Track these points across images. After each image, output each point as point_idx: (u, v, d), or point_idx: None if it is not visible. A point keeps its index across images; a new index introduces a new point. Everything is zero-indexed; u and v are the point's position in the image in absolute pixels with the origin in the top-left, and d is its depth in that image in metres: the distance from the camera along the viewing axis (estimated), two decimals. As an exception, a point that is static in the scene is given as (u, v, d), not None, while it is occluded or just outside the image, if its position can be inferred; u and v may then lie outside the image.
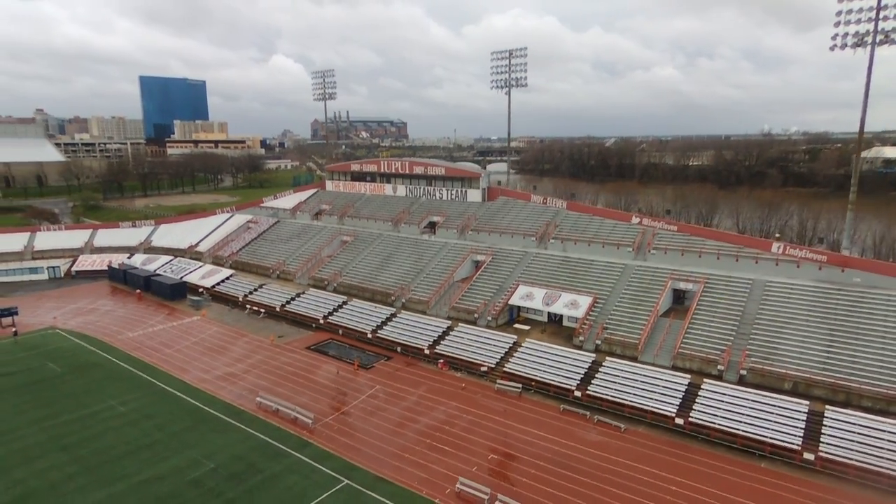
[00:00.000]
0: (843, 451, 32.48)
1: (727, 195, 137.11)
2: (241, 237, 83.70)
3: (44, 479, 32.01)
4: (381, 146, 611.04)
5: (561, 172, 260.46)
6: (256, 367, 48.57)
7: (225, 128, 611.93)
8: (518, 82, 74.69)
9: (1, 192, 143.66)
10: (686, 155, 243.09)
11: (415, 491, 31.27)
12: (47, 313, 63.19)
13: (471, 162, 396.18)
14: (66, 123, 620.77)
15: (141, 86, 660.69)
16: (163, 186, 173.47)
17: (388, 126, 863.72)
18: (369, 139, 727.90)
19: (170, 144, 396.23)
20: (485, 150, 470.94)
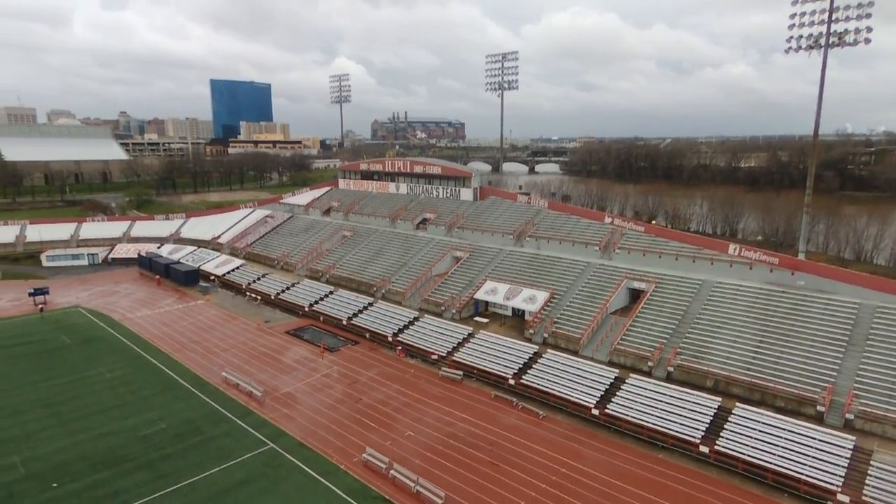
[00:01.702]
0: (737, 446, 33.34)
1: (760, 199, 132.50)
2: (257, 230, 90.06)
3: (22, 429, 37.82)
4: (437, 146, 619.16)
5: (607, 174, 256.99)
6: (235, 347, 53.56)
7: (286, 129, 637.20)
8: (510, 85, 76.78)
9: (69, 187, 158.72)
10: (737, 156, 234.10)
11: (327, 457, 34.80)
12: (76, 294, 71.20)
13: (520, 162, 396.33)
14: (146, 124, 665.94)
15: (211, 89, 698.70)
16: (212, 184, 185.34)
17: (446, 126, 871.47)
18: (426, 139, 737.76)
19: (233, 144, 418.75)
20: (539, 150, 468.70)
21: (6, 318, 61.51)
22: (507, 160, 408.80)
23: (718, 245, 51.04)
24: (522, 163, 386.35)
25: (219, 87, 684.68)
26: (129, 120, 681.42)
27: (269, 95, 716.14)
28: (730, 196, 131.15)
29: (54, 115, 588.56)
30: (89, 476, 32.44)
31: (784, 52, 46.27)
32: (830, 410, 34.79)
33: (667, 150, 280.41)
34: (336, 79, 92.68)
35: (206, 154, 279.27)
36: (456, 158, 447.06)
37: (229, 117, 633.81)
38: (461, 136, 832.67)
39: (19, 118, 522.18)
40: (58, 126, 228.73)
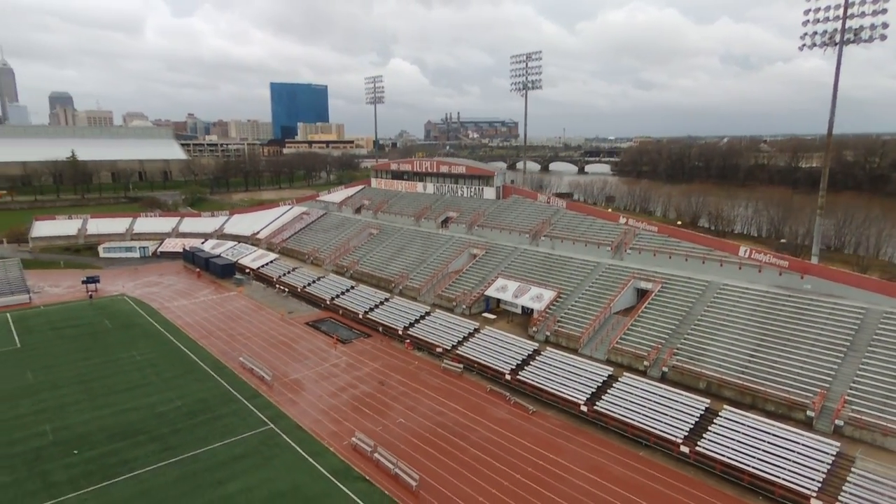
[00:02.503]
0: (717, 448, 33.20)
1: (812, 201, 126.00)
2: (293, 227, 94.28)
3: (58, 401, 42.10)
4: (488, 146, 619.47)
5: (658, 174, 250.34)
6: (257, 335, 56.93)
7: (341, 129, 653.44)
8: (534, 84, 77.21)
9: (132, 185, 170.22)
10: (797, 156, 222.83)
11: (319, 439, 37.03)
12: (124, 283, 77.07)
13: (569, 162, 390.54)
14: (211, 126, 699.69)
15: (271, 91, 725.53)
16: (263, 183, 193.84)
17: (499, 126, 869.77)
18: (478, 139, 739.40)
19: (289, 144, 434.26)
20: (593, 150, 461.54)
21: (61, 303, 67.62)
22: (558, 160, 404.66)
23: (729, 247, 50.06)
24: (572, 162, 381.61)
25: (278, 90, 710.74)
26: (196, 122, 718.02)
27: (325, 97, 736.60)
28: (778, 197, 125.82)
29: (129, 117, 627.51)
30: (106, 446, 35.95)
31: (798, 49, 44.88)
32: (820, 416, 34.05)
33: (723, 150, 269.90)
34: (371, 80, 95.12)
35: (261, 154, 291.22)
36: (506, 158, 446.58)
37: (288, 118, 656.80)
38: (514, 136, 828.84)
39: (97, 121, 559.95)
40: (125, 128, 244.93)
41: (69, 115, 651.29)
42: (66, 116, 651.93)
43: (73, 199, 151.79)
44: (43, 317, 62.36)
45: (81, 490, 31.36)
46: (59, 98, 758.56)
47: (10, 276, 70.58)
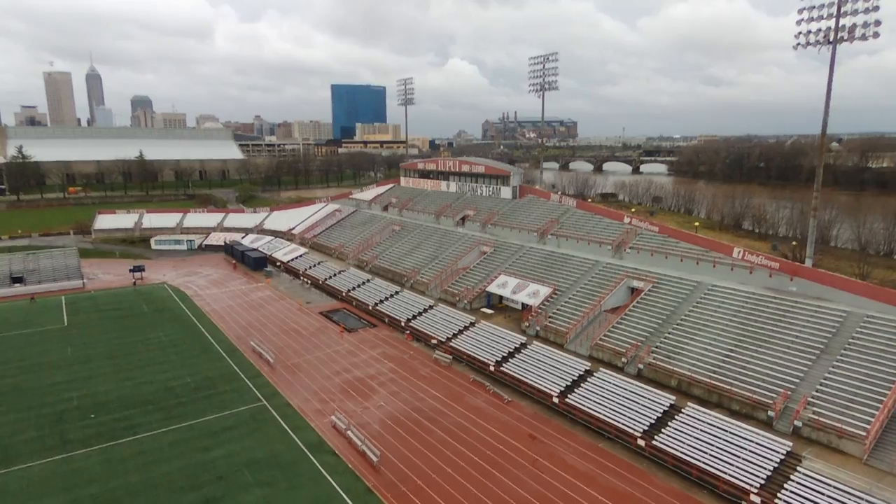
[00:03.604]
0: (672, 442, 33.89)
1: (865, 203, 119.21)
2: (325, 223, 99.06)
3: (88, 373, 47.52)
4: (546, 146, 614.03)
5: (715, 174, 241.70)
6: (272, 322, 61.24)
7: (398, 129, 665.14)
8: (550, 85, 78.04)
9: (192, 183, 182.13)
10: (866, 155, 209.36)
11: (304, 416, 40.27)
12: (167, 272, 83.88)
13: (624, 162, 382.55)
14: (277, 127, 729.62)
15: (332, 93, 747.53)
16: (312, 181, 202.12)
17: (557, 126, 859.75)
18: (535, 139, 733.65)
19: (346, 144, 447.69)
20: (653, 149, 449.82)
21: (109, 289, 74.78)
22: (612, 160, 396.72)
23: (724, 248, 49.62)
24: (627, 162, 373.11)
25: (338, 91, 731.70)
26: (262, 123, 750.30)
27: (384, 98, 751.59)
28: (829, 200, 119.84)
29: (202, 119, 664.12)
30: (119, 412, 40.61)
31: (793, 48, 43.91)
32: (781, 417, 34.03)
33: (786, 150, 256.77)
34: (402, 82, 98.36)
35: (316, 154, 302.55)
36: (559, 158, 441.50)
37: (347, 119, 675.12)
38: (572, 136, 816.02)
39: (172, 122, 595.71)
40: (188, 130, 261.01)
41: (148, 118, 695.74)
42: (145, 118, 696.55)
43: (138, 195, 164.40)
44: (91, 300, 69.39)
45: (90, 448, 35.90)
46: (140, 101, 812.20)
47: (68, 263, 78.58)
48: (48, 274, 75.20)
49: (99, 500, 30.54)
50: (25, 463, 34.23)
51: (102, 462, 34.23)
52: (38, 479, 32.61)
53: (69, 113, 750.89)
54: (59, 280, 74.39)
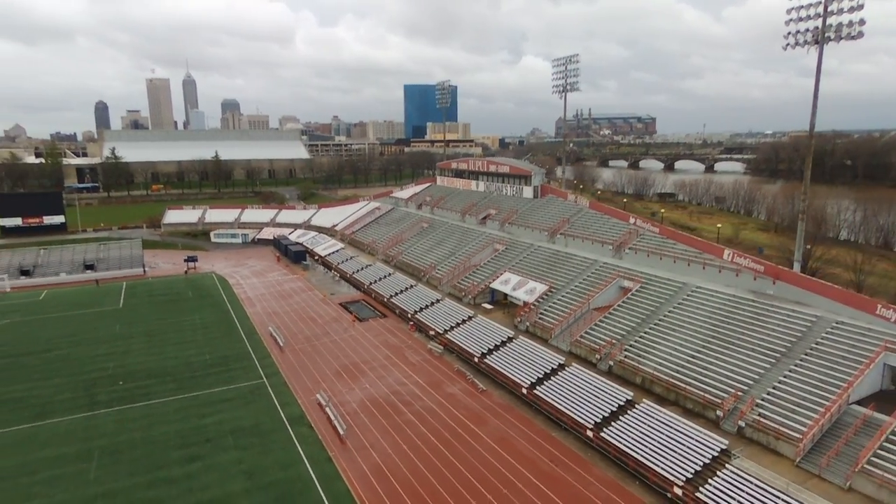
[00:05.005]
0: (617, 434, 35.15)
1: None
2: (363, 220, 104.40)
3: (126, 347, 54.55)
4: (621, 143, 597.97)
5: (794, 173, 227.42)
6: (294, 311, 66.64)
7: (467, 128, 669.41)
8: (572, 87, 78.55)
9: (259, 182, 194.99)
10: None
11: (294, 393, 44.69)
12: (217, 263, 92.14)
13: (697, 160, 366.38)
14: (353, 127, 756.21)
15: (405, 92, 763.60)
16: (371, 180, 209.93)
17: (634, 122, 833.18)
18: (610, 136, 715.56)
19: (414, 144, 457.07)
20: (735, 146, 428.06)
21: (164, 276, 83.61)
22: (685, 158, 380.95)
23: (716, 250, 49.11)
24: (700, 161, 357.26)
25: (411, 91, 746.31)
26: (340, 123, 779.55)
27: (455, 97, 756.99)
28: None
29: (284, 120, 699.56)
30: (141, 381, 46.83)
31: (782, 48, 42.71)
32: (728, 416, 34.40)
33: (877, 146, 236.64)
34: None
35: (382, 153, 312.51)
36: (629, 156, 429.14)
37: (419, 118, 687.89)
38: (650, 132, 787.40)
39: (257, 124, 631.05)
40: (260, 131, 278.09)
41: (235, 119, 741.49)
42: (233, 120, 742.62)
43: (211, 192, 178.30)
44: (146, 286, 78.10)
45: (111, 408, 42.07)
46: (229, 104, 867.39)
47: (132, 253, 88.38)
48: (115, 262, 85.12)
49: (104, 451, 36.21)
50: (57, 418, 40.80)
51: (116, 420, 40.17)
52: (63, 431, 38.94)
53: (167, 116, 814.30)
54: (123, 268, 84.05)
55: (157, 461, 34.96)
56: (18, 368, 50.01)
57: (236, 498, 31.40)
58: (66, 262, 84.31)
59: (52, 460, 35.26)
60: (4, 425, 39.93)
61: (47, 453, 36.07)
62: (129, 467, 34.33)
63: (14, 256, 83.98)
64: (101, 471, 34.04)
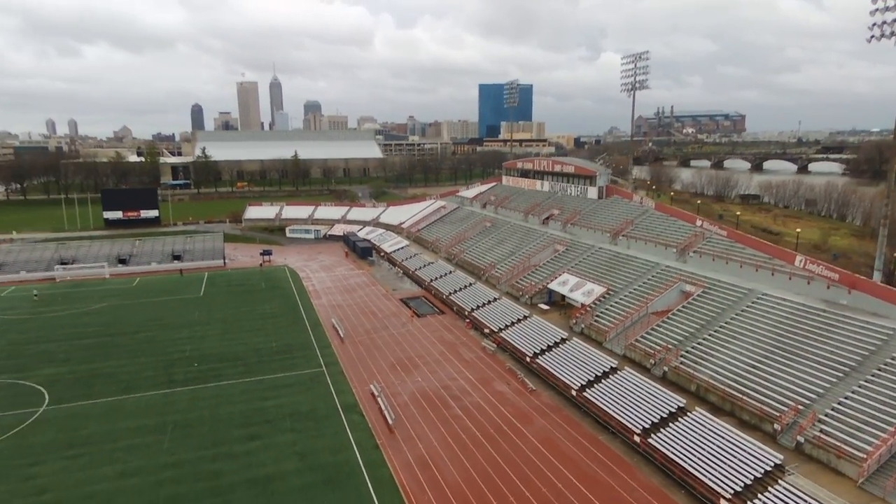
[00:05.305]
0: (666, 441, 34.30)
1: None
2: (429, 218, 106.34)
3: (203, 333, 58.92)
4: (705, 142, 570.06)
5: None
6: (357, 304, 69.26)
7: (541, 128, 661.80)
8: (641, 84, 76.12)
9: (334, 180, 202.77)
10: None
11: (349, 383, 46.76)
12: (290, 257, 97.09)
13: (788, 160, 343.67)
14: (427, 127, 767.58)
15: (479, 92, 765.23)
16: (441, 179, 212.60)
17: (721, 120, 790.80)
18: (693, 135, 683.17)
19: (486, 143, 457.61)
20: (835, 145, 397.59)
21: (241, 268, 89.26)
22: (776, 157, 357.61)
23: (787, 256, 46.38)
24: (792, 161, 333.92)
25: (486, 91, 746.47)
26: (415, 123, 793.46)
27: (530, 95, 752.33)
28: None
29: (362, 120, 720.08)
30: (213, 364, 50.58)
31: (866, 41, 39.30)
32: (785, 431, 32.70)
33: None
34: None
35: (453, 153, 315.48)
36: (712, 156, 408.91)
37: (493, 118, 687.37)
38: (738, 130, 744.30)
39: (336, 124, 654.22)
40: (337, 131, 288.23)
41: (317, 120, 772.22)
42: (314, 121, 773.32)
43: (290, 190, 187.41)
44: (225, 277, 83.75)
45: (185, 387, 45.83)
46: (311, 106, 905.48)
47: (214, 246, 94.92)
48: (199, 254, 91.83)
49: (177, 425, 39.63)
50: (140, 393, 44.98)
51: (189, 398, 43.75)
52: (144, 404, 42.93)
53: (255, 117, 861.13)
54: (206, 259, 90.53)
55: (221, 437, 37.86)
56: (112, 347, 55.39)
57: (288, 476, 33.50)
58: (157, 252, 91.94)
59: (133, 430, 39.04)
60: (97, 396, 44.53)
61: (129, 424, 39.95)
62: (196, 441, 37.44)
63: (114, 246, 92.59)
64: (173, 443, 37.32)
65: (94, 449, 36.58)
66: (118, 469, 34.21)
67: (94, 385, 46.34)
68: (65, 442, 37.44)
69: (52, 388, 45.50)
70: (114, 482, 32.88)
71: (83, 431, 38.82)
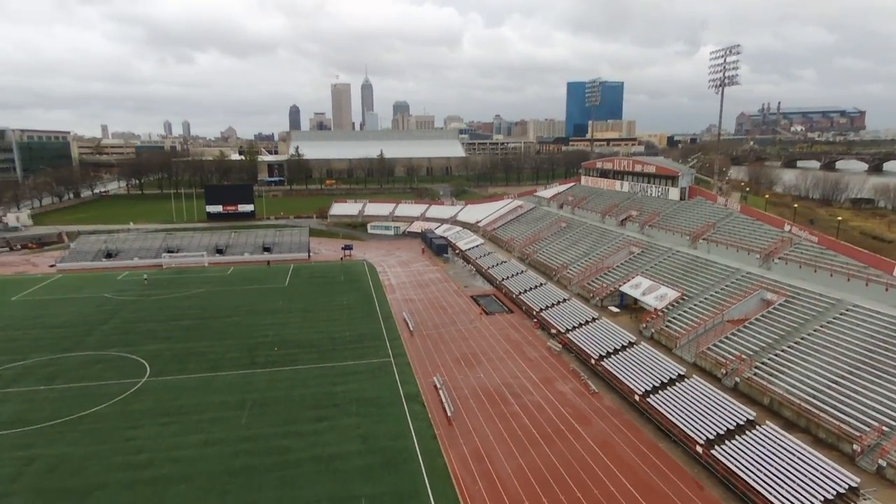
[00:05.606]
0: (731, 454, 32.85)
1: None
2: (505, 217, 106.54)
3: (286, 321, 62.98)
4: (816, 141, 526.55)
5: None
6: (428, 299, 71.13)
7: (631, 126, 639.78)
8: (731, 80, 71.79)
9: (417, 178, 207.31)
10: None
11: (414, 374, 48.46)
12: (369, 252, 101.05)
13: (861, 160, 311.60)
14: (514, 126, 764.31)
15: (567, 90, 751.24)
16: (523, 178, 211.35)
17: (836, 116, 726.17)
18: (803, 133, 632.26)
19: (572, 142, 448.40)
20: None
21: (324, 261, 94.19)
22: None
23: (885, 265, 42.47)
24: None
25: (574, 89, 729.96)
26: (501, 122, 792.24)
27: (620, 93, 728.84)
28: None
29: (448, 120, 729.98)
30: (292, 349, 54.14)
31: None
32: (866, 452, 30.31)
33: None
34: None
35: (538, 152, 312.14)
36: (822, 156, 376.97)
37: (581, 117, 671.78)
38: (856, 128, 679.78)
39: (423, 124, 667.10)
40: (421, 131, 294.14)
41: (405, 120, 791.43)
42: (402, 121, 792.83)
43: (374, 187, 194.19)
44: (308, 269, 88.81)
45: (265, 368, 49.56)
46: (400, 106, 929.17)
47: (301, 239, 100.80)
48: (286, 247, 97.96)
49: (255, 403, 43.03)
50: (225, 371, 49.19)
51: (267, 379, 47.29)
52: (229, 382, 46.92)
53: (347, 118, 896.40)
54: (292, 252, 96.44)
55: (292, 417, 40.73)
56: (206, 329, 60.76)
57: (350, 457, 35.53)
58: (250, 244, 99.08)
59: (217, 405, 42.88)
60: (190, 372, 49.21)
61: (215, 398, 43.91)
62: (271, 419, 40.52)
63: (213, 237, 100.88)
64: (251, 418, 40.63)
65: (183, 418, 40.64)
66: (202, 438, 37.86)
67: (188, 362, 51.19)
68: (160, 410, 41.87)
69: (153, 363, 50.82)
70: (197, 449, 36.46)
71: (176, 402, 43.20)
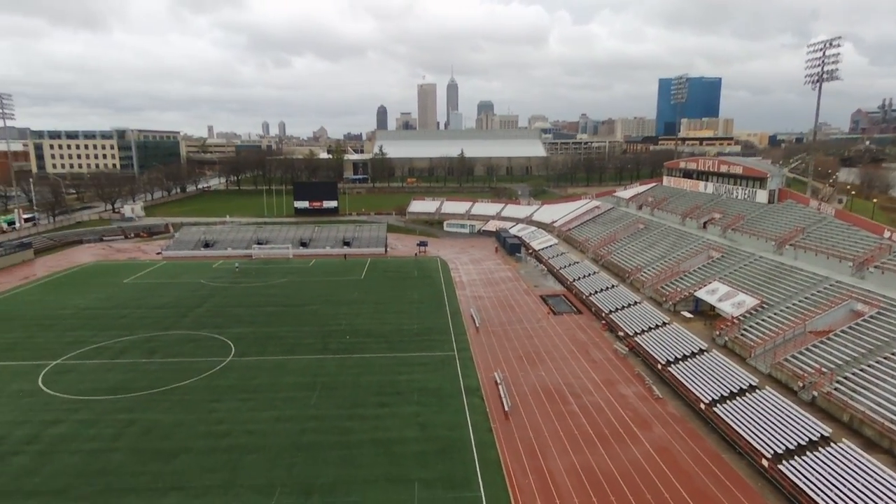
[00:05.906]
0: (800, 470, 31.13)
1: None
2: (581, 218, 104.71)
3: (357, 311, 65.94)
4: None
5: None
6: (496, 297, 71.71)
7: (729, 125, 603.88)
8: (831, 76, 66.08)
9: (496, 177, 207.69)
10: None
11: (476, 368, 49.41)
12: (443, 249, 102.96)
13: None
14: (600, 125, 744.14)
15: (659, 87, 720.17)
16: (606, 178, 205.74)
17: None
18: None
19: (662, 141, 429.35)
20: None
21: (399, 257, 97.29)
22: None
23: None
24: None
25: (665, 85, 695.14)
26: (587, 121, 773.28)
27: (717, 90, 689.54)
28: None
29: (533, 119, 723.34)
30: (362, 339, 56.73)
31: None
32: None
33: None
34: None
35: (624, 151, 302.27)
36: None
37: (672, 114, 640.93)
38: None
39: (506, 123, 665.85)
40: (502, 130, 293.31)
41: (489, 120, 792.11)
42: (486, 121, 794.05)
43: (454, 186, 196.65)
44: (384, 263, 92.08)
45: (336, 354, 52.45)
46: (484, 106, 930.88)
47: (378, 235, 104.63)
48: (365, 241, 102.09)
49: (324, 386, 45.77)
50: (300, 355, 52.56)
51: (337, 365, 50.07)
52: (303, 365, 50.18)
53: (432, 117, 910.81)
54: (370, 246, 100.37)
55: (357, 401, 42.97)
56: (287, 315, 64.97)
57: (407, 442, 37.10)
58: (331, 238, 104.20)
59: (291, 385, 46.06)
60: (269, 354, 53.05)
61: (288, 379, 47.18)
62: (337, 401, 43.00)
63: (298, 231, 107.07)
64: (319, 400, 43.33)
65: (260, 396, 44.05)
66: (275, 414, 40.92)
67: (268, 345, 55.16)
68: (240, 387, 45.61)
69: (238, 344, 55.21)
70: (270, 424, 39.48)
71: (254, 381, 46.84)
